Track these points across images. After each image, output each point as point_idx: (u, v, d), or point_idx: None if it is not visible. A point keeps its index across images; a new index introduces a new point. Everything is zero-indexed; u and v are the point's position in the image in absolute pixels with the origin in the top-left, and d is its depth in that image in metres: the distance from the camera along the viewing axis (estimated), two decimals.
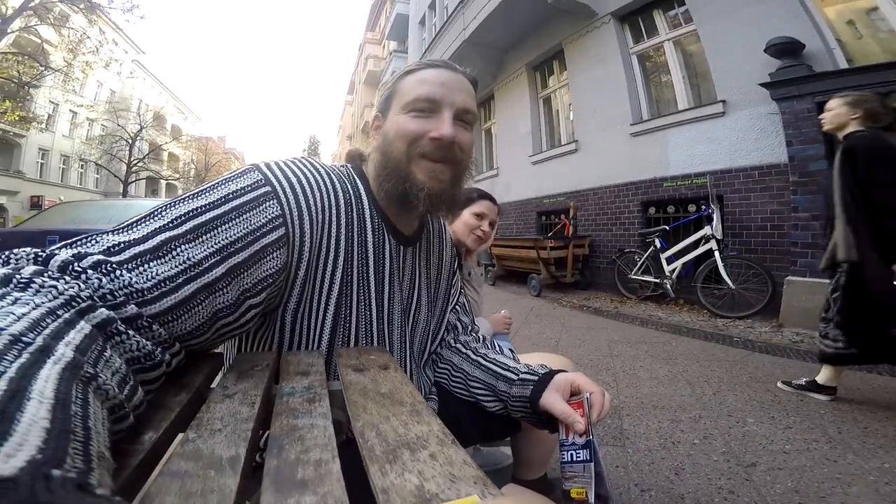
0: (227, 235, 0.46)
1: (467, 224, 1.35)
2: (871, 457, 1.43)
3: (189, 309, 0.41)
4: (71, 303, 0.31)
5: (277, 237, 0.51)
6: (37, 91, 15.15)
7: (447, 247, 0.82)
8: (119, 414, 0.30)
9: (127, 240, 0.40)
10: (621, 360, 2.57)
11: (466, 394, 0.73)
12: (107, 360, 0.31)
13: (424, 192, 0.60)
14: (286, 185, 0.54)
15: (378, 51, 22.63)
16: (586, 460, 0.55)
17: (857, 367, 2.20)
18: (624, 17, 5.24)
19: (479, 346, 0.78)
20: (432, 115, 0.60)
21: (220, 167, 27.05)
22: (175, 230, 0.43)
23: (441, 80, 0.61)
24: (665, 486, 1.30)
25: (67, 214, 3.79)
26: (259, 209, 0.49)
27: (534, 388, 0.63)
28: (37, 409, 0.19)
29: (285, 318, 0.57)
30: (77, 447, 0.19)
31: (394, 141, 0.61)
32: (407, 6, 13.62)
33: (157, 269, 0.40)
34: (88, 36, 11.94)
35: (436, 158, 0.60)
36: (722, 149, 4.09)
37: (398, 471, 0.30)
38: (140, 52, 23.76)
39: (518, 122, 7.27)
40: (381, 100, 0.67)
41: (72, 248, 0.37)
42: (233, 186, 0.49)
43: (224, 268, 0.45)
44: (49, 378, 0.22)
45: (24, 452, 0.16)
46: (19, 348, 0.23)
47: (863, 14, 3.49)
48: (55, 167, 18.70)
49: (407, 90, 0.62)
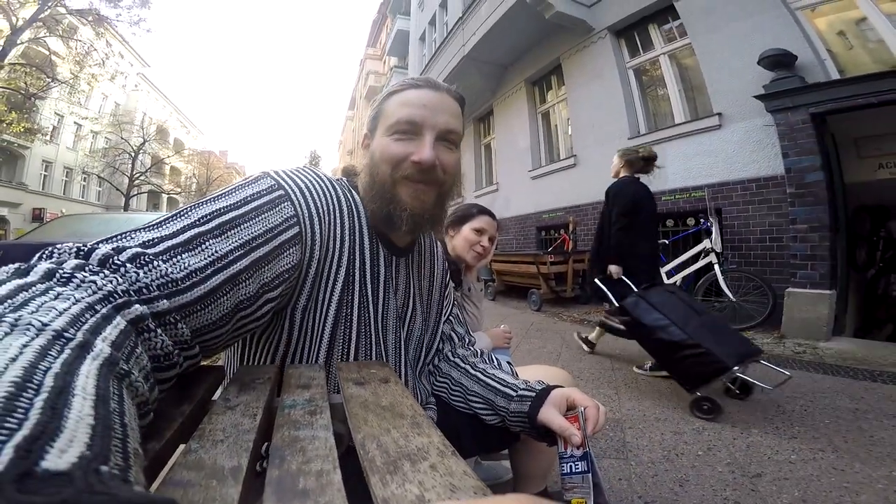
0: (249, 232, 0.49)
1: (467, 240, 1.36)
2: (878, 465, 1.41)
3: (215, 300, 0.44)
4: (109, 298, 0.32)
5: (292, 235, 0.54)
6: (42, 103, 15.33)
7: (438, 261, 0.84)
8: (144, 410, 0.31)
9: (160, 235, 0.43)
10: (622, 374, 2.55)
11: (465, 407, 0.75)
12: (137, 356, 0.32)
13: (407, 213, 0.63)
14: (296, 189, 0.57)
15: (379, 66, 23.01)
16: (585, 471, 0.57)
17: (858, 378, 2.25)
18: (620, 31, 5.34)
19: (477, 360, 0.79)
20: (414, 138, 0.62)
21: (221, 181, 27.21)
22: (203, 227, 0.46)
23: (423, 101, 0.62)
24: (669, 497, 1.28)
25: (69, 227, 3.81)
26: (275, 210, 0.53)
27: (531, 404, 0.65)
28: (81, 405, 0.19)
29: (294, 317, 0.59)
30: (117, 444, 0.19)
31: (379, 163, 0.63)
32: (407, 22, 13.89)
33: (188, 260, 0.42)
34: (95, 48, 12.15)
35: (418, 180, 0.62)
36: (719, 161, 4.12)
37: (399, 481, 0.30)
38: (145, 65, 24.10)
39: (517, 137, 7.34)
40: (369, 118, 0.69)
41: (111, 243, 0.40)
42: (250, 190, 0.53)
43: (248, 260, 0.48)
44: (90, 374, 0.23)
45: (76, 448, 0.16)
46: (62, 344, 0.24)
47: (852, 25, 3.55)
48: (58, 179, 18.78)
49: (390, 112, 0.63)
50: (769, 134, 3.65)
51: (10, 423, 0.16)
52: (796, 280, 3.30)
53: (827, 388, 2.16)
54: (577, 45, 5.78)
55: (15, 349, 0.21)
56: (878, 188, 3.84)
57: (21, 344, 0.22)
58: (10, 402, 0.17)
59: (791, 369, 2.49)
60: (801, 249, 3.30)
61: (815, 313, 3.16)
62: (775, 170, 3.63)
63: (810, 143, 3.25)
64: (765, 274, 3.57)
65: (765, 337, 3.24)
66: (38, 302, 0.27)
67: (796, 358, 2.70)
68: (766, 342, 3.11)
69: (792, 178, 3.36)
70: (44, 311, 0.26)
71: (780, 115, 3.43)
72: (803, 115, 3.27)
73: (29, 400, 0.18)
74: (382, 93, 0.69)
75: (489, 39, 6.63)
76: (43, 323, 0.24)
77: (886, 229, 4.58)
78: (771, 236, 3.69)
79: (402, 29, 14.62)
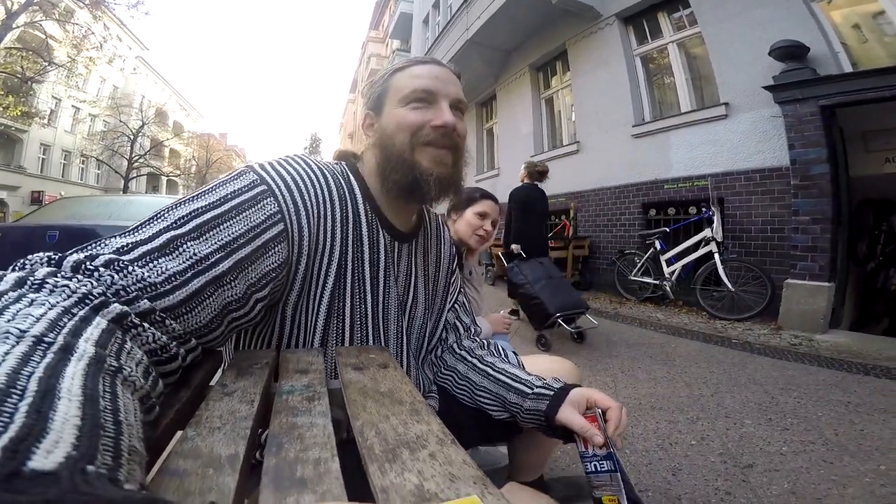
0: (229, 232, 0.47)
1: (470, 223, 1.35)
2: (867, 459, 1.43)
3: (200, 302, 0.43)
4: (84, 300, 0.32)
5: (277, 232, 0.53)
6: (40, 86, 15.10)
7: (446, 245, 0.83)
8: (148, 404, 0.30)
9: (134, 240, 0.42)
10: (619, 361, 2.57)
11: (471, 402, 0.74)
12: (129, 351, 0.31)
13: (434, 178, 0.63)
14: (280, 183, 0.56)
15: (381, 49, 22.60)
16: (612, 470, 0.56)
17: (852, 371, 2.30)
18: (628, 18, 5.23)
19: (484, 353, 0.78)
20: (430, 106, 0.64)
21: (221, 164, 27.02)
22: (179, 229, 0.44)
23: (434, 73, 0.65)
24: (662, 486, 1.30)
25: (67, 210, 3.78)
26: (257, 207, 0.51)
27: (549, 403, 0.63)
28: (67, 407, 0.19)
29: (286, 312, 0.59)
30: (107, 443, 0.19)
31: (395, 133, 0.63)
32: (411, 5, 13.59)
33: (166, 264, 0.41)
34: (93, 31, 11.89)
35: (439, 145, 0.63)
36: (723, 151, 4.08)
37: (398, 470, 0.30)
38: (144, 48, 23.66)
39: (520, 122, 7.25)
40: (371, 99, 0.69)
41: (83, 251, 0.39)
42: (230, 188, 0.51)
43: (230, 262, 0.46)
44: (75, 376, 0.23)
45: (62, 449, 0.17)
46: (43, 349, 0.23)
47: (868, 18, 3.48)
48: (56, 162, 18.64)
49: (402, 85, 0.64)
50: (776, 125, 3.60)
51: None
52: (795, 271, 3.30)
53: (821, 381, 2.18)
54: (583, 31, 5.67)
55: None
56: (885, 182, 3.82)
57: (2, 352, 0.22)
58: None
59: (787, 361, 2.52)
60: (802, 241, 3.29)
61: (812, 305, 3.17)
62: (780, 161, 3.60)
63: (818, 136, 3.21)
64: (764, 265, 3.57)
65: (762, 328, 3.26)
66: (12, 310, 0.26)
67: (792, 350, 2.72)
68: (762, 333, 3.12)
69: (797, 169, 3.33)
70: (20, 319, 0.26)
71: (788, 107, 3.38)
72: (812, 108, 3.23)
73: (13, 405, 0.18)
74: (383, 73, 0.69)
75: (493, 23, 6.49)
76: (21, 330, 0.24)
77: (889, 223, 4.56)
78: (772, 227, 3.68)
79: (406, 11, 14.31)
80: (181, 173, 24.64)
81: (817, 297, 3.16)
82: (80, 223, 3.24)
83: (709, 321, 3.55)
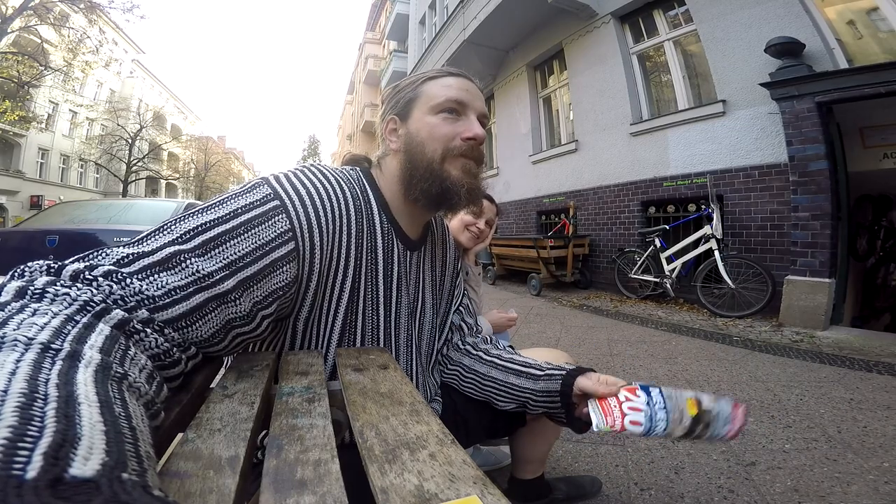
0: (236, 250, 0.46)
1: (462, 220, 1.35)
2: (870, 456, 1.42)
3: (201, 317, 0.42)
4: (86, 307, 0.32)
5: (287, 251, 0.51)
6: (36, 91, 15.09)
7: (450, 249, 0.84)
8: (152, 410, 0.30)
9: (136, 252, 0.41)
10: (621, 359, 2.57)
11: (477, 393, 0.75)
12: (132, 357, 0.31)
13: (465, 188, 0.64)
14: (296, 199, 0.54)
15: (378, 50, 22.60)
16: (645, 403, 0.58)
17: (854, 367, 2.25)
18: (624, 16, 5.23)
19: (489, 347, 0.80)
20: (459, 118, 0.65)
21: (219, 167, 27.05)
22: (184, 245, 0.44)
23: (465, 87, 0.67)
24: (665, 485, 1.30)
25: (67, 214, 3.78)
26: (268, 224, 0.50)
27: (563, 381, 0.65)
28: (90, 412, 0.19)
29: (297, 326, 0.58)
30: (130, 449, 0.19)
31: (427, 142, 0.64)
32: (407, 6, 13.59)
33: (166, 279, 0.40)
34: (88, 36, 11.89)
35: (469, 156, 0.65)
36: (722, 148, 4.08)
37: (397, 470, 0.30)
38: (140, 51, 23.70)
39: (518, 121, 7.26)
40: (397, 104, 0.68)
41: (83, 261, 0.39)
42: (242, 201, 0.50)
43: (234, 281, 0.45)
44: (87, 382, 0.23)
45: (97, 455, 0.17)
46: (52, 356, 0.23)
47: (863, 14, 3.48)
48: (55, 167, 18.63)
49: (434, 94, 0.65)
50: (774, 122, 3.61)
51: (31, 431, 0.16)
52: (796, 268, 3.30)
53: (823, 378, 2.18)
54: (580, 29, 5.67)
55: (10, 364, 0.21)
56: (883, 178, 3.82)
57: (14, 359, 0.22)
58: (26, 412, 0.17)
59: (788, 358, 2.52)
60: (801, 237, 3.29)
61: (813, 301, 3.17)
62: (778, 157, 3.60)
63: (815, 132, 3.21)
64: (765, 261, 3.57)
65: (763, 324, 3.25)
66: (17, 320, 0.26)
67: (794, 346, 2.72)
68: (763, 330, 3.12)
69: (796, 166, 3.33)
70: (26, 327, 0.26)
71: (785, 103, 3.38)
72: (809, 104, 3.23)
73: (41, 409, 0.18)
74: (413, 80, 0.68)
75: (490, 23, 6.50)
76: (28, 338, 0.24)
77: (888, 218, 4.57)
78: (772, 223, 3.68)
79: (402, 12, 14.31)
80: (180, 176, 24.65)
81: (818, 293, 3.16)
82: (80, 227, 3.24)
83: (710, 318, 3.55)
